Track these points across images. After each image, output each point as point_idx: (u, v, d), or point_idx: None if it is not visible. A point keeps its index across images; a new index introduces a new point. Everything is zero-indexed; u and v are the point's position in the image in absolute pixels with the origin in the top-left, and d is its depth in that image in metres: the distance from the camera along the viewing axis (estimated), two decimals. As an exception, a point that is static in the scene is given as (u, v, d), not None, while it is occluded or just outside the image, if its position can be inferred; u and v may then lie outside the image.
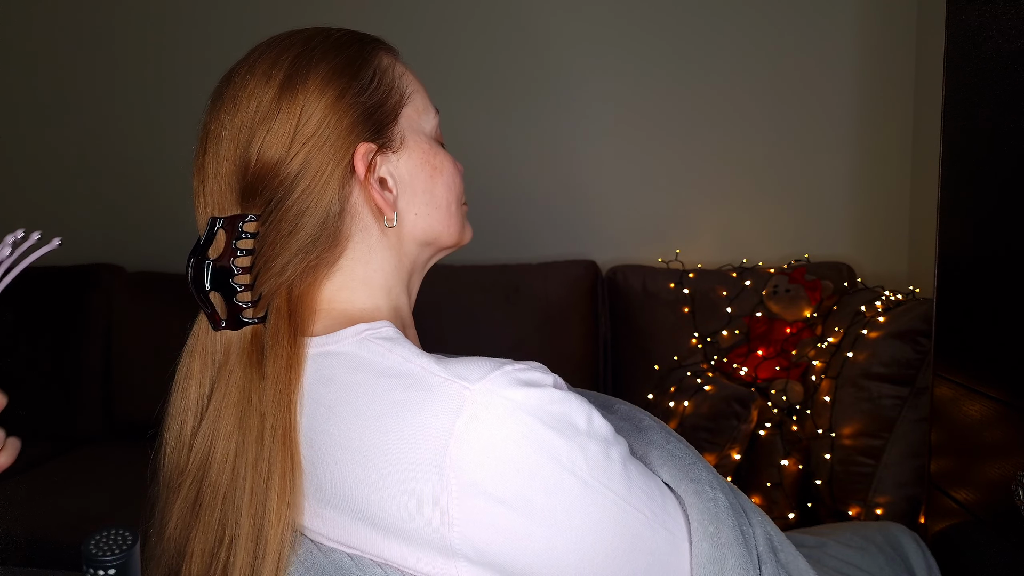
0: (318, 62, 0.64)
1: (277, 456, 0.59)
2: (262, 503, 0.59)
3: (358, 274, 0.66)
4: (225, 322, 0.64)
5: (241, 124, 0.63)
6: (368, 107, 0.65)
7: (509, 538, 0.54)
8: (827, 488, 1.55)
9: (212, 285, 0.64)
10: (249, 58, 0.66)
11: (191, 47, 2.30)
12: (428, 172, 0.69)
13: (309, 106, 0.63)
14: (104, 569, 0.52)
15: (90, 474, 1.91)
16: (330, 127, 0.63)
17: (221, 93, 0.66)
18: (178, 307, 0.80)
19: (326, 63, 0.65)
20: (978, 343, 1.07)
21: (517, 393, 0.55)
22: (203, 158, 0.65)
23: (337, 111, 0.64)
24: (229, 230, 0.64)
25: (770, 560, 0.66)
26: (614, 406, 0.75)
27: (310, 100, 0.63)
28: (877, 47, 1.96)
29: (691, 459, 0.67)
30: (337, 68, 0.65)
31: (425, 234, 0.70)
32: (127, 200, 2.41)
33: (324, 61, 0.65)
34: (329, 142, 0.63)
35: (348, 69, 0.65)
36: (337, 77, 0.64)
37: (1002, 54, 0.98)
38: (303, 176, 0.62)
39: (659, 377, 1.88)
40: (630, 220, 2.14)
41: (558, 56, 2.12)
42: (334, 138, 0.63)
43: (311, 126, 0.63)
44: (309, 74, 0.64)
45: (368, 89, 0.66)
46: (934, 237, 1.17)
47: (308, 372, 0.61)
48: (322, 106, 0.63)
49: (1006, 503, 0.99)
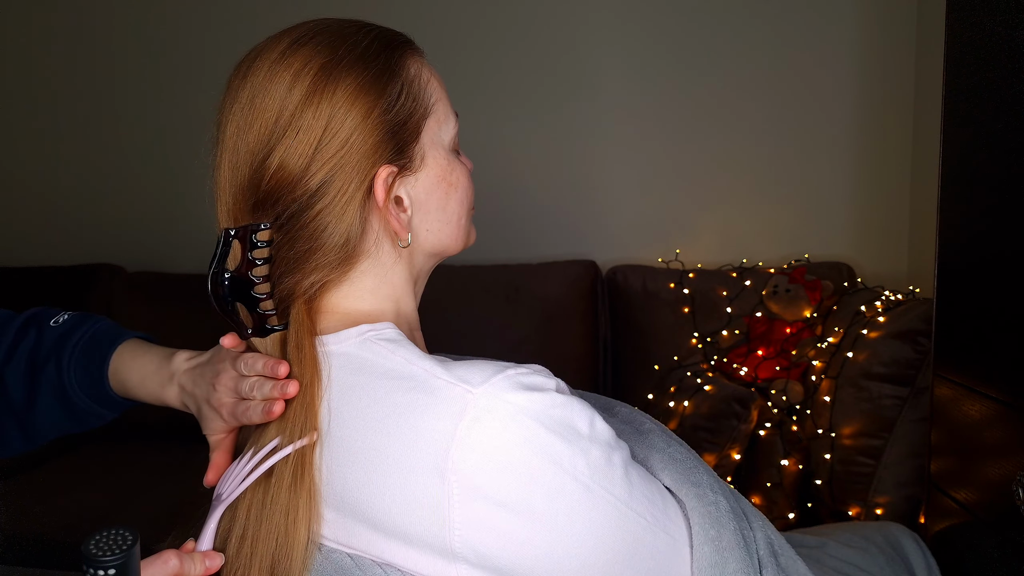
0: (347, 74, 0.62)
1: (301, 469, 0.59)
2: (282, 518, 0.58)
3: (367, 286, 0.66)
4: (252, 331, 0.64)
5: (259, 134, 0.61)
6: (393, 126, 0.63)
7: (510, 542, 0.55)
8: (827, 488, 1.55)
9: (233, 296, 0.63)
10: (269, 55, 0.63)
11: (191, 46, 2.30)
12: (444, 189, 0.68)
13: (335, 122, 0.61)
14: (104, 569, 0.52)
15: (90, 474, 1.91)
16: (355, 147, 0.61)
17: (237, 91, 0.63)
18: (178, 307, 0.80)
19: (355, 76, 0.62)
20: (978, 343, 1.07)
21: (519, 397, 0.55)
22: (220, 169, 0.64)
23: (363, 131, 0.61)
24: (243, 240, 0.63)
25: (771, 564, 0.66)
26: (615, 409, 0.75)
27: (336, 116, 0.61)
28: (877, 47, 1.96)
29: (692, 463, 0.67)
30: (366, 82, 0.62)
31: (434, 247, 0.70)
32: (127, 200, 2.41)
33: (353, 73, 0.62)
34: (352, 162, 0.61)
35: (376, 83, 0.63)
36: (365, 93, 0.62)
37: (1002, 54, 0.98)
38: (323, 194, 0.61)
39: (659, 377, 1.88)
40: (630, 220, 2.14)
41: (559, 57, 2.11)
42: (358, 158, 0.61)
43: (336, 143, 0.61)
44: (337, 87, 0.61)
45: (395, 106, 0.64)
46: (934, 237, 1.17)
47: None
48: (348, 124, 0.61)
49: (1006, 503, 0.99)
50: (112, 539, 0.54)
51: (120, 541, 0.54)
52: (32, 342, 0.77)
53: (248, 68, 0.63)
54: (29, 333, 0.78)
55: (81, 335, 0.76)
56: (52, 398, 0.75)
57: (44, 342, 0.77)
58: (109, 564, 0.52)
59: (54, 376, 0.75)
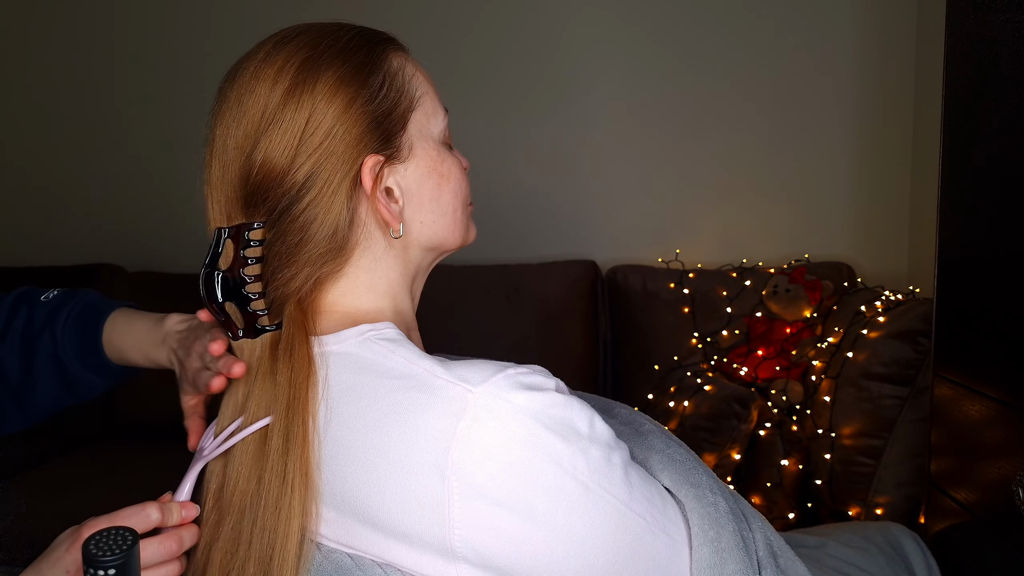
0: (327, 67, 0.62)
1: (292, 466, 0.59)
2: (274, 514, 0.58)
3: (363, 281, 0.66)
4: (243, 331, 0.64)
5: (246, 131, 0.62)
6: (377, 116, 0.64)
7: (510, 541, 0.54)
8: (827, 488, 1.55)
9: (225, 296, 0.63)
10: (255, 57, 0.64)
11: (191, 46, 2.30)
12: (435, 180, 0.68)
13: (317, 114, 0.61)
14: (104, 569, 0.52)
15: (90, 474, 1.91)
16: (338, 137, 0.62)
17: (226, 94, 0.64)
18: (178, 307, 0.81)
19: (335, 69, 0.63)
20: (978, 343, 1.07)
21: (519, 397, 0.55)
22: (211, 168, 0.65)
23: (346, 121, 0.62)
24: (236, 239, 0.63)
25: (770, 565, 0.66)
26: (614, 410, 0.75)
27: (318, 108, 0.61)
28: (877, 47, 1.96)
29: (691, 464, 0.67)
30: (346, 75, 0.63)
31: (430, 240, 0.69)
32: (127, 200, 2.41)
33: (333, 67, 0.63)
34: (337, 153, 0.62)
35: (358, 75, 0.63)
36: (346, 84, 0.63)
37: (1002, 54, 0.98)
38: (310, 186, 0.61)
39: (659, 377, 1.88)
40: (630, 220, 2.14)
41: (559, 57, 2.12)
42: (342, 149, 0.62)
43: (319, 136, 0.61)
44: (318, 80, 0.62)
45: (377, 97, 0.64)
46: (934, 237, 1.17)
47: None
48: (331, 115, 0.61)
49: (1006, 503, 0.99)
50: (112, 539, 0.54)
51: (120, 541, 0.54)
52: (24, 318, 0.80)
53: (236, 71, 0.65)
54: (20, 310, 0.80)
55: (72, 306, 0.80)
56: (48, 369, 0.78)
57: (36, 317, 0.80)
58: (109, 564, 0.52)
59: (49, 346, 0.78)
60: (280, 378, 0.60)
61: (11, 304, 0.81)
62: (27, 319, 0.79)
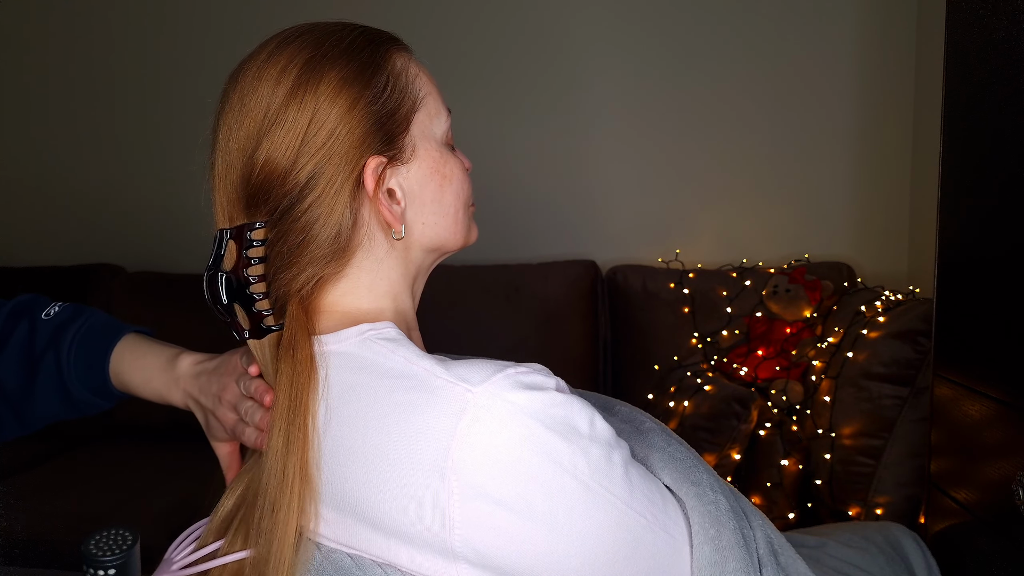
0: (330, 68, 0.62)
1: (292, 466, 0.59)
2: (273, 514, 0.59)
3: (364, 281, 0.66)
4: (248, 332, 0.64)
5: (248, 131, 0.62)
6: (380, 117, 0.64)
7: (510, 541, 0.54)
8: (827, 488, 1.55)
9: (229, 297, 0.63)
10: (258, 57, 0.64)
11: (191, 48, 2.30)
12: (437, 182, 0.68)
13: (320, 115, 0.61)
14: (104, 569, 0.52)
15: (90, 474, 1.91)
16: (341, 138, 0.62)
17: (229, 95, 0.64)
18: (178, 307, 0.80)
19: (338, 69, 0.63)
20: (978, 343, 1.07)
21: (519, 396, 0.55)
22: (214, 170, 0.65)
23: (349, 122, 0.62)
24: (238, 240, 0.63)
25: (771, 563, 0.65)
26: (615, 408, 0.75)
27: (321, 108, 0.61)
28: (877, 47, 1.96)
29: (692, 462, 0.67)
30: (350, 75, 0.63)
31: (432, 242, 0.69)
32: (127, 200, 2.41)
33: (336, 67, 0.63)
34: (340, 154, 0.61)
35: (361, 76, 0.63)
36: (349, 85, 0.62)
37: (1002, 54, 0.98)
38: (313, 187, 0.61)
39: (659, 377, 1.88)
40: (630, 220, 2.14)
41: (559, 57, 2.12)
42: (345, 149, 0.62)
43: (322, 136, 0.61)
44: (321, 81, 0.62)
45: (381, 98, 0.64)
46: (934, 237, 1.17)
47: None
48: (334, 116, 0.61)
49: (1006, 503, 0.99)
50: (112, 539, 0.54)
51: (120, 541, 0.54)
52: (25, 334, 0.77)
53: (239, 72, 0.65)
54: (20, 324, 0.78)
55: (78, 328, 0.77)
56: (51, 389, 0.76)
57: (39, 334, 0.77)
58: (109, 564, 0.52)
59: (53, 369, 0.75)
60: (282, 378, 0.60)
61: (8, 314, 0.78)
62: (27, 335, 0.77)
